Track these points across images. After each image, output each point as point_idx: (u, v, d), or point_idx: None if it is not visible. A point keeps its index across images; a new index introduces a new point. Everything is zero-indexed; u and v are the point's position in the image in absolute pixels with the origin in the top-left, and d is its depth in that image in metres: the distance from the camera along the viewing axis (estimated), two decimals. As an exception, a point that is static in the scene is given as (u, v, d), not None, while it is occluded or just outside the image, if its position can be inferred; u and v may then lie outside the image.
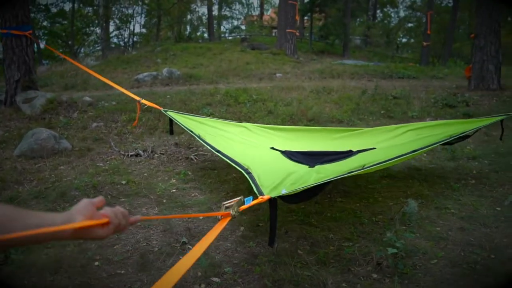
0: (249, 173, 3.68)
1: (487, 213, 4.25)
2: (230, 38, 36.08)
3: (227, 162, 4.19)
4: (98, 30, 30.40)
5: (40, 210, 4.40)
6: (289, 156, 4.59)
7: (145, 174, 5.54)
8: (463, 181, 5.29)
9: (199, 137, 4.87)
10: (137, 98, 5.70)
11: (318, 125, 8.13)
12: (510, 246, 3.55)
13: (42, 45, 26.93)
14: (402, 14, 43.05)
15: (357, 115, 9.06)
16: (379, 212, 4.29)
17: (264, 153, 4.78)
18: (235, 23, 51.82)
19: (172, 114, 5.71)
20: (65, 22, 30.14)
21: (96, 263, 3.38)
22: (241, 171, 3.84)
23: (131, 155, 6.16)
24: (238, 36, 34.58)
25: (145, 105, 5.85)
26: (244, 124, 5.86)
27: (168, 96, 9.93)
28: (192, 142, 6.92)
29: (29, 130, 6.69)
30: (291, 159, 4.49)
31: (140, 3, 29.91)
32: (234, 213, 2.20)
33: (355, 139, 5.33)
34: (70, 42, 28.54)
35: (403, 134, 5.24)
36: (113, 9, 29.02)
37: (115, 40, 31.78)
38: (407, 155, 4.08)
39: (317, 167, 4.04)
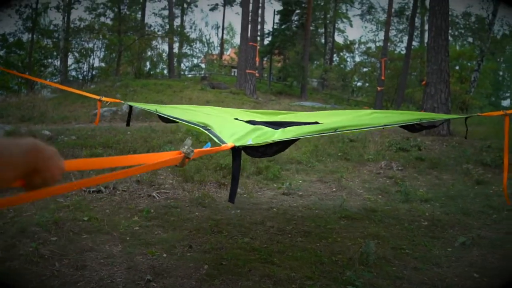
0: (208, 129, 3.31)
1: (439, 254, 4.49)
2: (190, 75, 36.43)
3: (185, 125, 3.96)
4: (56, 62, 30.07)
5: (-1, 246, 4.34)
6: (254, 124, 4.09)
7: (107, 211, 5.52)
8: (416, 222, 5.56)
9: (156, 111, 4.58)
10: (97, 97, 5.71)
11: (277, 166, 8.33)
12: (461, 285, 3.77)
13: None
14: (357, 59, 44.72)
15: (315, 157, 9.35)
16: (338, 252, 4.46)
17: (227, 121, 4.34)
18: (195, 61, 52.42)
19: (132, 103, 5.47)
20: (22, 52, 29.64)
21: (60, 300, 3.36)
22: (199, 130, 3.52)
23: (93, 191, 6.13)
24: (198, 74, 35.00)
25: (107, 102, 5.81)
26: (209, 107, 5.63)
27: (128, 133, 9.94)
28: (154, 179, 6.96)
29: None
30: (255, 125, 3.95)
31: (101, 37, 29.83)
32: (186, 150, 1.70)
33: (321, 116, 4.89)
34: (27, 73, 28.02)
35: (371, 114, 4.78)
36: (73, 42, 28.87)
37: (73, 73, 31.44)
38: (378, 127, 3.94)
39: (282, 129, 3.61)
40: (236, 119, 4.47)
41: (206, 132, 3.25)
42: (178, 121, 3.99)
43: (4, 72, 29.56)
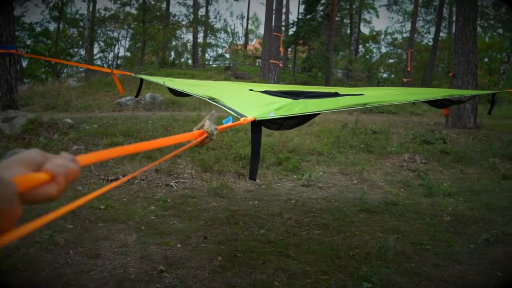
0: (216, 102, 3.10)
1: (461, 250, 4.34)
2: (214, 65, 36.41)
3: (194, 97, 3.73)
4: (82, 52, 30.43)
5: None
6: (270, 93, 3.92)
7: (124, 199, 5.52)
8: (438, 217, 5.40)
9: (163, 83, 4.40)
10: (109, 70, 5.67)
11: (298, 157, 8.23)
12: (483, 284, 3.63)
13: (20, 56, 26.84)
14: (383, 50, 44.06)
15: (337, 148, 9.20)
16: (356, 246, 4.35)
17: (241, 93, 4.23)
18: (220, 51, 52.34)
19: (144, 76, 5.39)
20: (49, 42, 30.11)
21: (71, 289, 3.34)
22: (209, 102, 3.29)
23: (111, 180, 6.14)
24: (222, 64, 34.91)
25: (119, 74, 5.78)
26: (224, 82, 5.45)
27: (150, 122, 9.95)
28: (172, 169, 6.93)
29: (8, 150, 6.63)
30: (272, 95, 3.81)
31: (126, 27, 30.06)
32: (209, 129, 1.50)
33: (341, 89, 4.51)
34: (53, 62, 28.46)
35: (395, 90, 4.56)
36: (99, 31, 29.13)
37: (98, 62, 31.80)
38: (408, 101, 3.64)
39: (302, 99, 3.43)
40: (251, 90, 4.29)
41: (217, 104, 3.07)
42: (186, 93, 3.86)
43: (31, 61, 30.06)
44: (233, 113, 2.62)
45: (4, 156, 6.23)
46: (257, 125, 2.54)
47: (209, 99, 3.27)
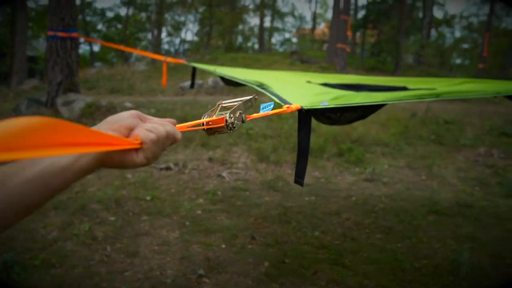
0: (264, 88, 2.70)
1: (550, 268, 3.69)
2: (280, 50, 35.87)
3: (239, 82, 3.30)
4: (150, 36, 30.89)
5: (57, 224, 4.19)
6: (329, 86, 3.38)
7: (172, 190, 5.23)
8: (522, 224, 4.71)
9: (214, 71, 4.10)
10: (162, 58, 5.45)
11: (361, 148, 7.65)
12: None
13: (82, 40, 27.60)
14: (458, 34, 41.69)
15: (404, 139, 8.50)
16: (423, 256, 3.80)
17: (296, 83, 3.77)
18: (287, 35, 51.61)
19: (196, 64, 5.12)
20: (120, 26, 30.78)
21: (101, 291, 3.08)
22: (253, 88, 2.85)
23: (161, 168, 5.89)
24: (289, 49, 34.31)
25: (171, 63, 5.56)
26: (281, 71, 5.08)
27: (209, 106, 9.67)
28: (226, 158, 6.60)
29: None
30: (331, 88, 3.27)
31: (194, 11, 30.14)
32: (231, 119, 1.09)
33: (410, 82, 3.97)
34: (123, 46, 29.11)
35: (469, 83, 3.77)
36: (166, 16, 29.38)
37: (166, 46, 32.20)
38: (488, 95, 2.87)
39: (364, 92, 2.95)
40: (309, 82, 3.79)
41: (262, 91, 2.63)
42: (233, 79, 3.47)
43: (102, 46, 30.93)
44: (276, 99, 2.14)
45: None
46: (305, 116, 2.01)
47: (257, 85, 2.84)
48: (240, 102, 1.07)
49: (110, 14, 32.02)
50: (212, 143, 7.02)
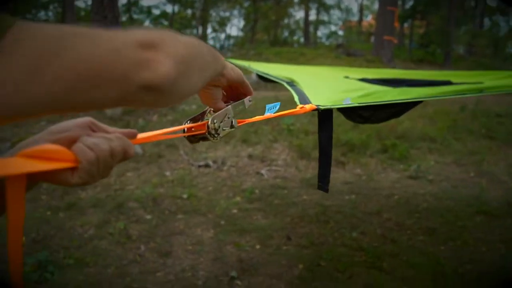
0: (293, 85, 2.56)
1: None
2: (326, 43, 35.38)
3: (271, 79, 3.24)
4: (195, 32, 31.15)
5: (93, 222, 4.22)
6: (367, 81, 3.24)
7: (210, 188, 5.19)
8: None
9: (249, 67, 3.97)
10: None
11: (407, 144, 7.36)
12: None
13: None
14: (514, 22, 39.74)
15: (453, 134, 8.13)
16: (468, 261, 3.57)
17: (330, 79, 3.59)
18: (333, 28, 50.88)
19: (232, 60, 5.02)
20: (166, 23, 31.23)
21: (132, 292, 3.06)
22: (282, 84, 2.74)
23: (200, 166, 5.86)
24: (335, 42, 33.80)
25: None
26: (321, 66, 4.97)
27: (250, 101, 9.60)
28: (266, 154, 6.50)
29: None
30: (369, 83, 3.14)
31: (238, 6, 30.18)
32: (213, 125, 0.91)
33: (456, 76, 3.70)
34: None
35: None
36: (211, 12, 29.57)
37: (211, 42, 32.38)
38: None
39: (402, 88, 2.76)
40: (347, 77, 3.59)
41: (289, 88, 2.46)
42: (264, 75, 3.37)
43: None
44: (296, 98, 1.96)
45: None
46: (325, 116, 1.80)
47: (287, 82, 2.72)
48: (229, 105, 0.96)
49: (156, 12, 32.60)
50: (252, 140, 6.94)
